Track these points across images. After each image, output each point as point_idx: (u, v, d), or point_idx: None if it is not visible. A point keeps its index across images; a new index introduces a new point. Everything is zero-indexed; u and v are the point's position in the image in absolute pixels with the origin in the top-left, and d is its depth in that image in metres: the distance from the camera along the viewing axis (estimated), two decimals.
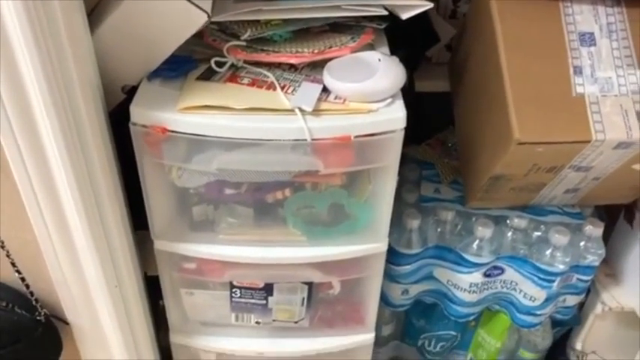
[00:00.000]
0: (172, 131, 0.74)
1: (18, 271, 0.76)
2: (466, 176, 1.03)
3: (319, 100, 0.76)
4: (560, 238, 1.00)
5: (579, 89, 0.81)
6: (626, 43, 0.83)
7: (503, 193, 0.96)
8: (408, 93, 1.12)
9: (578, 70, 0.82)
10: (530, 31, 0.83)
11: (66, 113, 0.66)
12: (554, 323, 1.18)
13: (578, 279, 1.06)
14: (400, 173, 1.14)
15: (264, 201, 0.85)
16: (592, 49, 0.83)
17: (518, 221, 1.02)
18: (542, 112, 0.80)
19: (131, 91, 0.79)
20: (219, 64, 0.80)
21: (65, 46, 0.64)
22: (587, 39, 0.83)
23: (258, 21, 0.81)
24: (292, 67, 0.82)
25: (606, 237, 1.20)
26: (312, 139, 0.74)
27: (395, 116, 0.76)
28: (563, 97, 0.81)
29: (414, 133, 1.22)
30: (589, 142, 0.80)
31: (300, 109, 0.74)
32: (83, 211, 0.73)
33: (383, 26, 0.87)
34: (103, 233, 0.78)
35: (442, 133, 1.22)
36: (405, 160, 1.16)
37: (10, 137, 0.65)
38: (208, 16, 0.73)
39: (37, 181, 0.69)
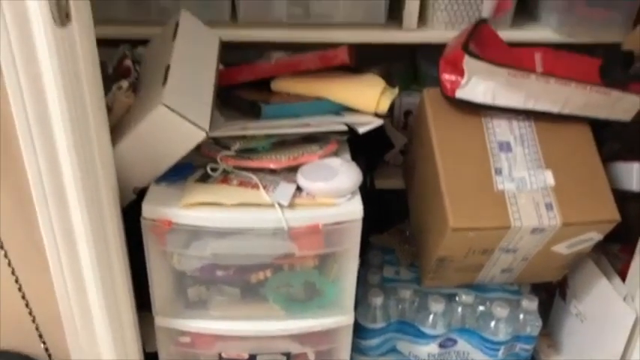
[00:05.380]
0: (176, 224, 0.93)
1: (44, 342, 0.91)
2: (420, 259, 1.21)
3: (294, 196, 0.96)
4: (501, 311, 1.17)
5: (500, 186, 1.02)
6: (535, 149, 1.05)
7: (450, 273, 1.15)
8: (371, 190, 1.34)
9: (499, 171, 1.03)
10: (459, 140, 1.05)
11: (95, 212, 0.84)
12: None
13: (521, 348, 1.23)
14: (366, 258, 1.33)
15: (249, 281, 1.02)
16: (509, 154, 1.05)
17: (466, 297, 1.20)
18: (471, 205, 1.00)
19: (140, 193, 0.98)
20: (214, 169, 1.00)
21: (96, 159, 0.83)
22: (505, 146, 1.05)
23: (245, 135, 1.03)
24: (272, 171, 1.02)
25: (548, 312, 1.38)
26: (289, 228, 0.93)
27: (354, 209, 0.96)
28: (488, 193, 1.01)
29: (377, 224, 1.43)
30: (509, 227, 0.99)
31: (279, 204, 0.93)
32: (103, 293, 0.90)
33: (345, 138, 1.08)
34: (116, 311, 0.94)
35: (402, 224, 1.41)
36: (369, 247, 1.35)
37: (51, 237, 0.83)
38: (207, 134, 0.91)
39: (67, 267, 0.86)
